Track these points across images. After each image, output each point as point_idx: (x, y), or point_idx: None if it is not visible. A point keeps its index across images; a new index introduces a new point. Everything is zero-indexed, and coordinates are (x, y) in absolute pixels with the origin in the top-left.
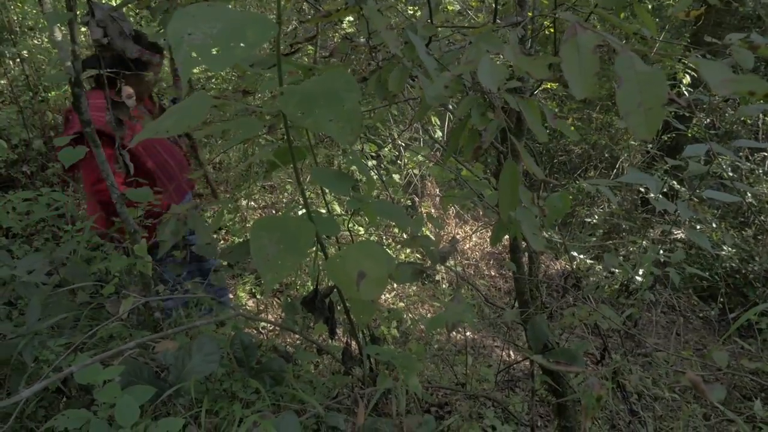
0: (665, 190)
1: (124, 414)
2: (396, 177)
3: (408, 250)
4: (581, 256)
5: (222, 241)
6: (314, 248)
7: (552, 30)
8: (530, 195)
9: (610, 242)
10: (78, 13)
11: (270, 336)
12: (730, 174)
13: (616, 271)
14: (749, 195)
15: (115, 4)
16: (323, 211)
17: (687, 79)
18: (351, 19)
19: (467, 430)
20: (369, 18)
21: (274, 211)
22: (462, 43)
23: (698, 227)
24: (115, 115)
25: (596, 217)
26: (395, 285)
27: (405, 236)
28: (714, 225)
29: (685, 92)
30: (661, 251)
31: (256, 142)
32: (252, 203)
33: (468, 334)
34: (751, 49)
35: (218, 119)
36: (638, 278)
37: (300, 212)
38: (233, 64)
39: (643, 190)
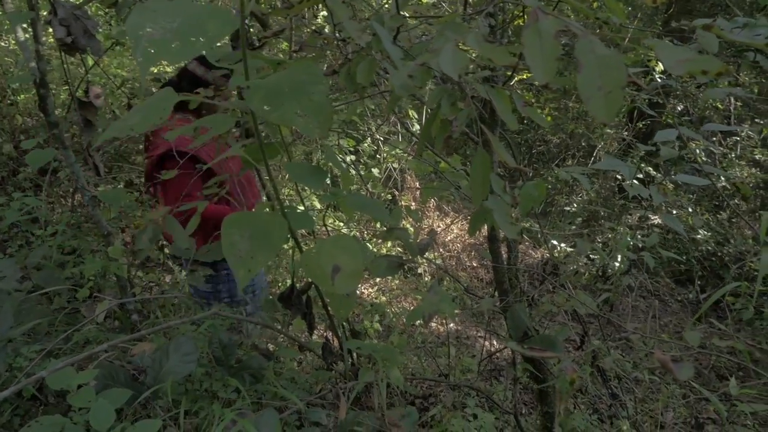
0: (641, 176)
1: (99, 418)
2: (375, 171)
3: (389, 244)
4: (561, 245)
5: None
6: (292, 244)
7: (524, 21)
8: (503, 183)
9: (588, 230)
10: (43, 13)
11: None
12: (703, 159)
13: (595, 257)
14: (722, 179)
15: (78, 2)
16: (302, 208)
17: (660, 67)
18: (325, 14)
19: (450, 420)
20: (332, 9)
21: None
22: (434, 34)
23: (674, 212)
24: (82, 115)
25: (575, 206)
26: (378, 279)
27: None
28: (690, 209)
29: (658, 79)
30: (639, 236)
31: (231, 139)
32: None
33: (451, 325)
34: (704, 29)
35: None
36: (616, 263)
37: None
38: (192, 57)
39: (620, 177)
